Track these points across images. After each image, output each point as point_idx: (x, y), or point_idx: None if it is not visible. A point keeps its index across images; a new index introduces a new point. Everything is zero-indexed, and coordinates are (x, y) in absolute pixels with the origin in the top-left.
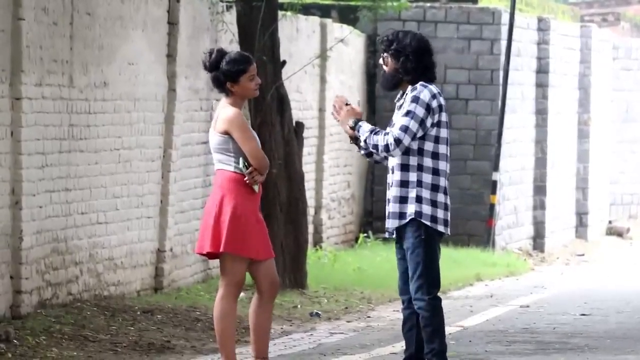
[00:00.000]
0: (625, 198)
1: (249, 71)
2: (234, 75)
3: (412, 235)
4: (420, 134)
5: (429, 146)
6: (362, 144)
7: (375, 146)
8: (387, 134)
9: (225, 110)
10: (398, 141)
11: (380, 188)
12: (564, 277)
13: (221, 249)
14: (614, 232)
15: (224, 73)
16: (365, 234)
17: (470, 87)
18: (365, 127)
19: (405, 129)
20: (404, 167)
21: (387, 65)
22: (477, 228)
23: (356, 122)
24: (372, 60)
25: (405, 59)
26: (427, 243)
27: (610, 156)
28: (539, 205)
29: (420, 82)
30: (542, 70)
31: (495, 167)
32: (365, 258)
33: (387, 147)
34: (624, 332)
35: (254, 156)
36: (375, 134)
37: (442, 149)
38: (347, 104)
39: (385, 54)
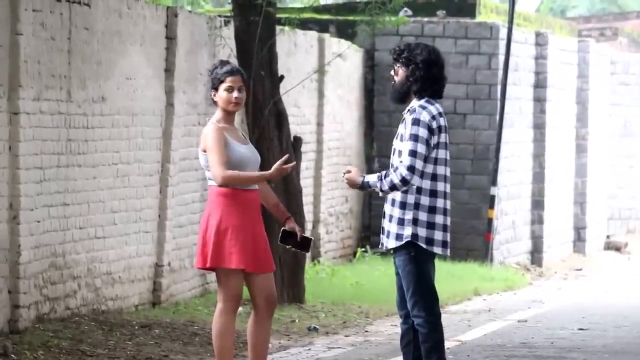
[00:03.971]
0: (623, 213)
1: (226, 81)
2: (214, 83)
3: (403, 253)
4: (427, 154)
5: (428, 168)
6: (380, 194)
7: (393, 186)
8: (397, 168)
9: (205, 128)
10: (411, 168)
11: (378, 202)
12: (561, 291)
13: (207, 264)
14: (612, 246)
15: (210, 81)
16: (363, 249)
17: (468, 102)
18: (372, 179)
19: (413, 153)
20: (404, 189)
21: (397, 75)
22: (475, 242)
23: (362, 181)
24: (370, 75)
25: (415, 67)
26: (417, 260)
27: (608, 171)
28: (537, 220)
29: (420, 104)
30: (539, 84)
31: (493, 182)
32: (363, 272)
33: (404, 180)
34: (622, 347)
35: (213, 174)
36: (385, 177)
37: (441, 170)
38: (345, 173)
39: (396, 64)
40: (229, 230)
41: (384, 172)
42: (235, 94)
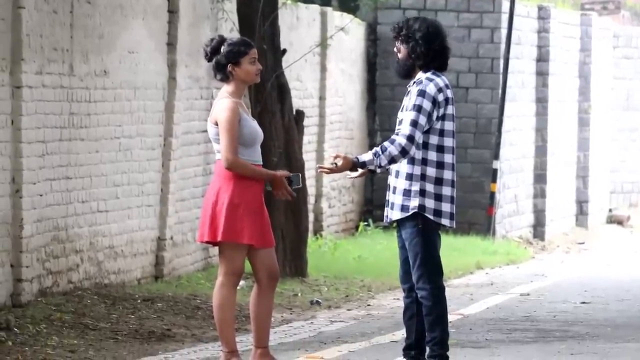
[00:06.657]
0: (626, 186)
1: (250, 54)
2: (235, 56)
3: (410, 225)
4: (427, 127)
5: (433, 139)
6: (378, 170)
7: (392, 159)
8: (394, 140)
9: (220, 101)
10: (411, 138)
11: (380, 176)
12: (564, 265)
13: (218, 238)
14: (615, 220)
15: (225, 55)
16: (366, 223)
17: (470, 76)
18: (367, 158)
19: (414, 123)
20: (410, 160)
21: (400, 53)
22: (478, 216)
23: (355, 163)
24: (373, 49)
25: (415, 44)
26: (424, 232)
27: (610, 144)
28: (540, 194)
29: (426, 76)
30: (542, 58)
31: (496, 156)
32: (366, 246)
33: (404, 150)
34: (624, 320)
35: (223, 155)
36: (383, 151)
37: (448, 141)
38: (335, 158)
39: (397, 42)
40: (242, 206)
41: (379, 148)
42: (257, 65)
